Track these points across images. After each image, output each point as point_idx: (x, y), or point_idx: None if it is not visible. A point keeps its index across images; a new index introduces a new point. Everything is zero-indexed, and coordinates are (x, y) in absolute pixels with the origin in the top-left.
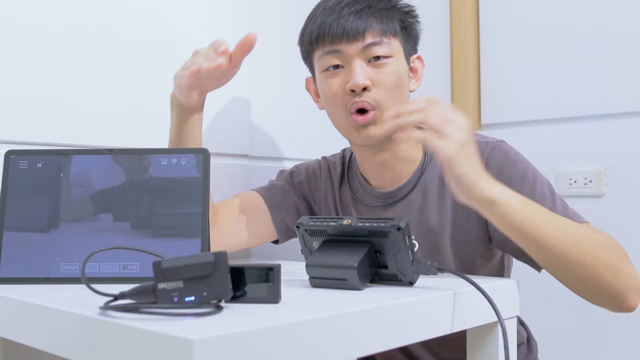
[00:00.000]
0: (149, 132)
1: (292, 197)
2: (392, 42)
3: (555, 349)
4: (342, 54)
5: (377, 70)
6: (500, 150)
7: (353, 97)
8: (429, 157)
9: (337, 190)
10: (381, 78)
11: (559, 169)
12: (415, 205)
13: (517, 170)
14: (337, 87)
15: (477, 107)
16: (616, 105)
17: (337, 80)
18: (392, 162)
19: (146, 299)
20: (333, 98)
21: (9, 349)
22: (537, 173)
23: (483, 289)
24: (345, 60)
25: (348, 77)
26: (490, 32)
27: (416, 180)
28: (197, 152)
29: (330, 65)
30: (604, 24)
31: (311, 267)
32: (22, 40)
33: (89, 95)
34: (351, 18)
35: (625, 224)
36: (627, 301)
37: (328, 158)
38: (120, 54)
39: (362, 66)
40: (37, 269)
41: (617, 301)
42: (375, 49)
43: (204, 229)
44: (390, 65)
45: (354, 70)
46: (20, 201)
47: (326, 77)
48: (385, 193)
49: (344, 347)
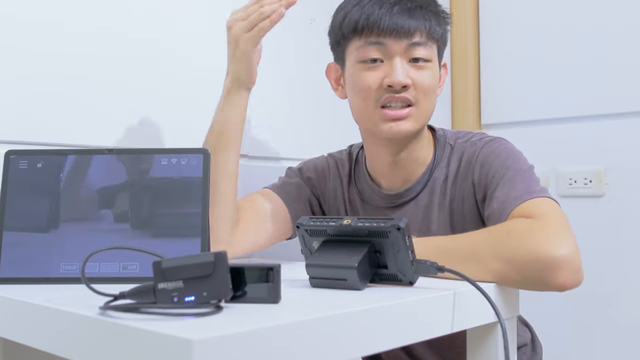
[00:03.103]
0: (149, 132)
1: (306, 192)
2: (433, 46)
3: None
4: (386, 48)
5: (417, 71)
6: (490, 145)
7: (387, 93)
8: (439, 157)
9: (347, 189)
10: (421, 79)
11: (559, 169)
12: (422, 206)
13: (498, 160)
14: (372, 81)
15: (477, 107)
16: (616, 105)
17: (374, 74)
18: (405, 162)
19: (146, 299)
20: (365, 91)
21: (9, 349)
22: (518, 160)
23: (483, 289)
24: (387, 56)
25: (388, 72)
26: (490, 32)
27: (425, 181)
28: (197, 152)
29: (369, 58)
30: (604, 24)
31: (311, 267)
32: (22, 40)
33: (89, 96)
34: (404, 15)
35: (625, 224)
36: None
37: (335, 155)
38: (121, 54)
39: (403, 64)
40: (37, 269)
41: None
42: (418, 50)
43: (204, 229)
44: (428, 69)
45: (396, 67)
46: (20, 201)
47: (362, 68)
48: (393, 195)
49: (344, 347)
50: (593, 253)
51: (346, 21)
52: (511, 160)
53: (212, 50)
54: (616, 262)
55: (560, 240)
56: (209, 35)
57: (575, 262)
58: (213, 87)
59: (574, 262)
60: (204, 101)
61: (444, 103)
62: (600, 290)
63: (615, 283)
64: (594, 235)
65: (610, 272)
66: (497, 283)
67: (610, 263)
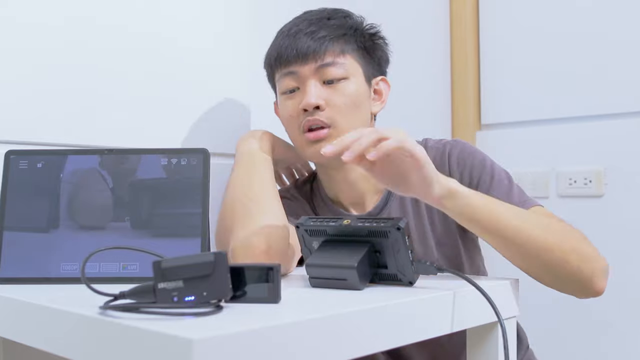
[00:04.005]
0: (149, 132)
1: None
2: (347, 63)
3: (552, 348)
4: (298, 75)
5: (331, 91)
6: (457, 145)
7: (305, 117)
8: None
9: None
10: (335, 98)
11: (559, 169)
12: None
13: (476, 160)
14: (291, 109)
15: (477, 107)
16: (616, 105)
17: (292, 102)
18: (357, 178)
19: (146, 298)
20: (288, 119)
21: (9, 349)
22: (495, 163)
23: (483, 289)
24: (301, 82)
25: (302, 98)
26: (490, 32)
27: (387, 196)
28: (197, 152)
29: (288, 89)
30: (604, 24)
31: (311, 267)
32: (22, 39)
33: (89, 96)
34: (306, 40)
35: (624, 224)
36: (594, 285)
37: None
38: (122, 55)
39: (316, 86)
40: (37, 269)
41: (584, 285)
42: (329, 70)
43: (204, 229)
44: (346, 87)
45: (307, 90)
46: (20, 201)
47: (284, 99)
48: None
49: (344, 347)
50: None
51: (266, 59)
52: (489, 161)
53: (214, 51)
54: (616, 262)
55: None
56: (211, 35)
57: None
58: (213, 88)
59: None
60: (205, 102)
61: (444, 103)
62: None
63: (614, 283)
64: (594, 236)
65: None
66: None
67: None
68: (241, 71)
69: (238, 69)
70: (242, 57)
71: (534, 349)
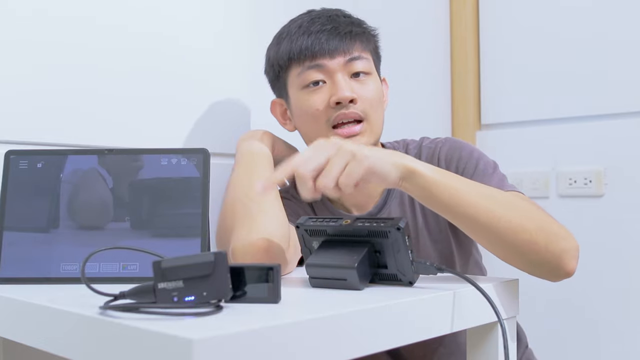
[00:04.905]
0: (149, 132)
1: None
2: (370, 60)
3: (551, 347)
4: (325, 69)
5: (360, 85)
6: (447, 143)
7: (337, 110)
8: None
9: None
10: (365, 92)
11: (559, 169)
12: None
13: (464, 152)
14: (319, 103)
15: (477, 107)
16: (616, 105)
17: (319, 96)
18: None
19: (146, 298)
20: (314, 114)
21: (9, 349)
22: (483, 154)
23: (483, 289)
24: (328, 75)
25: (332, 91)
26: (490, 32)
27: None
28: (197, 152)
29: (311, 82)
30: (604, 24)
31: (311, 267)
32: (22, 39)
33: (89, 96)
34: (331, 35)
35: (624, 224)
36: (564, 265)
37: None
38: (122, 55)
39: (346, 80)
40: (37, 269)
41: (555, 266)
42: (357, 64)
43: (204, 229)
44: (371, 82)
45: (339, 83)
46: (20, 201)
47: (307, 93)
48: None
49: (344, 347)
50: (593, 253)
51: (280, 54)
52: (477, 153)
53: (214, 51)
54: (616, 262)
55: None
56: (211, 35)
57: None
58: (213, 88)
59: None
60: (205, 102)
61: (444, 103)
62: (599, 290)
63: (614, 283)
64: (594, 235)
65: (610, 272)
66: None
67: (610, 263)
68: (241, 71)
69: (238, 69)
70: (242, 57)
71: (533, 348)
